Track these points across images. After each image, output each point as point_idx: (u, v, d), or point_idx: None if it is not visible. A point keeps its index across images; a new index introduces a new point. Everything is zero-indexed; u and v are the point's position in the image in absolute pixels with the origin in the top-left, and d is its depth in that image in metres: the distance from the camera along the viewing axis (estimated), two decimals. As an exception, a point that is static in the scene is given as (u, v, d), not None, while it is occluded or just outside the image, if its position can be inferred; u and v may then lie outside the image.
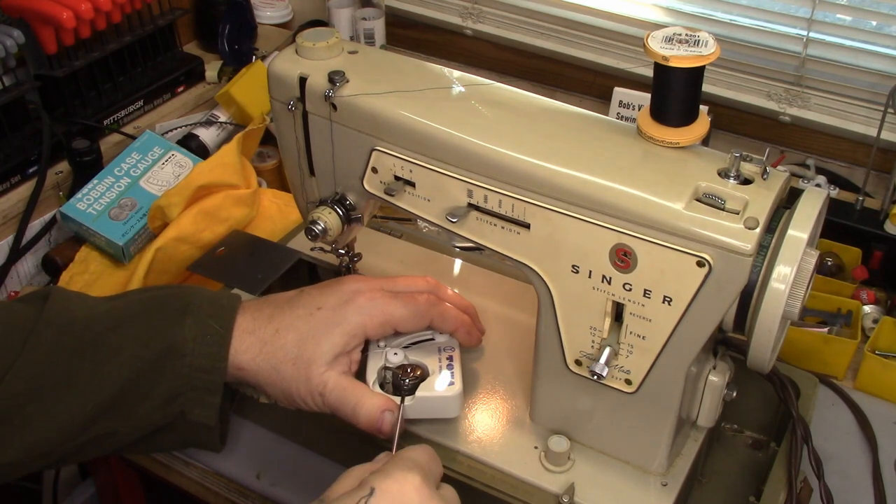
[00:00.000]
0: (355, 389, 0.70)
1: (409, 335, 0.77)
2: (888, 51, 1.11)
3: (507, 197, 0.65)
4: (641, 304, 0.63)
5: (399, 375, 0.73)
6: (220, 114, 1.27)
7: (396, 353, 0.75)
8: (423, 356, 0.75)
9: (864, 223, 1.03)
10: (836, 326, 0.95)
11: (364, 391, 0.70)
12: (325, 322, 0.71)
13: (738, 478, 0.78)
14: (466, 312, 0.79)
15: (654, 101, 0.63)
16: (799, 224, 0.58)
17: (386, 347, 0.75)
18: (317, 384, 0.70)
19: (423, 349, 0.76)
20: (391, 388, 0.73)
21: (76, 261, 1.04)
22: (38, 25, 1.08)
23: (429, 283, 0.78)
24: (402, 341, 0.76)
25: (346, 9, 1.44)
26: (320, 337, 0.70)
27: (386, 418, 0.69)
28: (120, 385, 0.67)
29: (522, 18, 1.35)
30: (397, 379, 0.73)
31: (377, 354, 0.75)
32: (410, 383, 0.73)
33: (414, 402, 0.72)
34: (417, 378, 0.73)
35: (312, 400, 0.70)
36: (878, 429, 0.87)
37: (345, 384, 0.70)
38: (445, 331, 0.77)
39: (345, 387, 0.70)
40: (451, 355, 0.76)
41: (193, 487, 0.85)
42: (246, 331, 0.70)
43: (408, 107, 0.69)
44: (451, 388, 0.73)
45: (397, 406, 0.70)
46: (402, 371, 0.74)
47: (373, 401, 0.70)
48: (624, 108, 1.22)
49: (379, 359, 0.75)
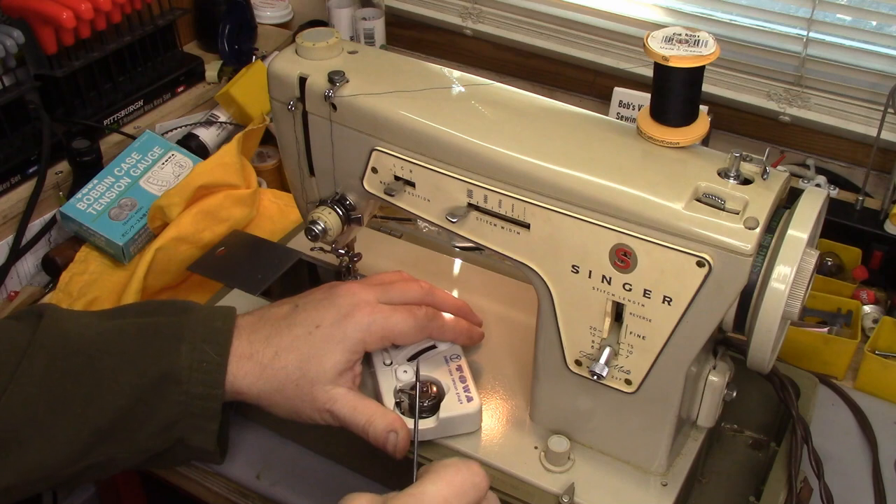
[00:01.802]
0: (366, 406, 0.70)
1: (410, 346, 0.76)
2: (888, 51, 1.11)
3: (507, 197, 0.65)
4: (641, 304, 0.63)
5: (416, 397, 0.72)
6: (220, 114, 1.27)
7: (406, 370, 0.74)
8: (432, 370, 0.75)
9: (864, 223, 1.03)
10: (836, 326, 0.95)
11: (375, 408, 0.70)
12: (325, 340, 0.70)
13: (738, 478, 0.78)
14: (459, 312, 0.79)
15: (654, 101, 0.63)
16: (799, 224, 0.58)
17: (394, 365, 0.75)
18: (324, 402, 0.69)
19: (430, 361, 0.76)
20: (408, 408, 0.72)
21: (76, 261, 1.04)
22: (38, 25, 1.08)
23: (422, 289, 0.77)
24: (406, 353, 0.76)
25: (346, 9, 1.44)
26: (322, 356, 0.70)
27: (393, 438, 0.68)
28: (116, 413, 0.66)
29: (522, 18, 1.35)
30: (414, 401, 0.72)
31: (387, 373, 0.74)
32: (430, 404, 0.72)
33: (437, 424, 0.71)
34: (435, 398, 0.73)
35: (321, 416, 0.70)
36: (878, 429, 0.87)
37: (354, 402, 0.70)
38: (445, 341, 0.77)
39: (355, 405, 0.69)
40: (459, 365, 0.75)
41: (193, 487, 0.85)
42: (243, 356, 0.69)
43: (408, 107, 0.69)
44: (471, 403, 0.72)
45: (405, 424, 0.69)
46: (418, 392, 0.72)
47: (385, 420, 0.69)
48: (624, 108, 1.22)
49: (390, 378, 0.74)
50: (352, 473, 0.81)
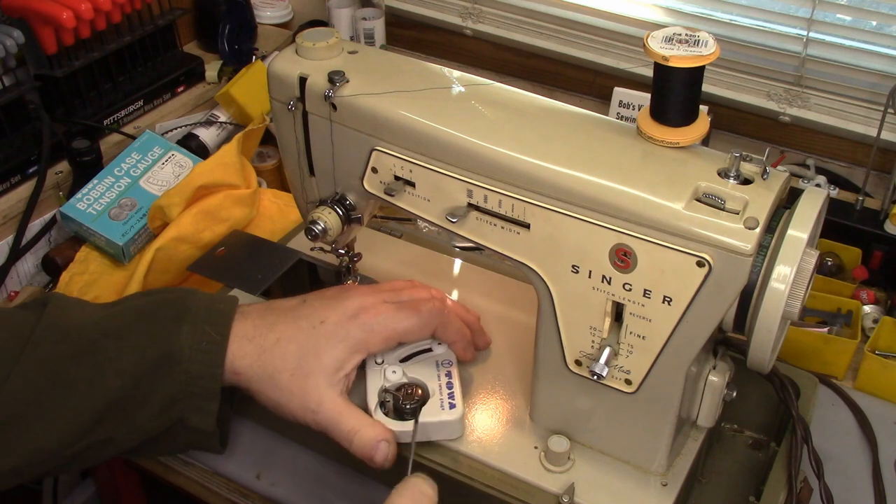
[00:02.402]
0: (352, 415, 0.70)
1: (408, 346, 0.76)
2: (888, 51, 1.11)
3: (507, 197, 0.65)
4: (641, 304, 0.63)
5: (400, 399, 0.72)
6: (220, 114, 1.27)
7: (395, 370, 0.74)
8: (421, 372, 0.75)
9: (864, 223, 1.03)
10: (836, 326, 0.95)
11: (363, 418, 0.70)
12: (327, 337, 0.71)
13: (738, 478, 0.78)
14: (470, 325, 0.79)
15: (654, 101, 0.63)
16: (799, 224, 0.58)
17: (384, 364, 0.75)
18: (312, 399, 0.69)
19: (421, 364, 0.76)
20: (392, 409, 0.73)
21: (76, 261, 1.04)
22: (38, 25, 1.08)
23: (429, 291, 0.77)
24: (399, 353, 0.76)
25: (346, 9, 1.44)
26: (322, 351, 0.70)
27: (381, 450, 0.68)
28: (117, 392, 0.66)
29: (522, 18, 1.35)
30: (398, 402, 0.72)
31: (375, 372, 0.74)
32: (411, 407, 0.72)
33: (414, 428, 0.71)
34: (418, 400, 0.73)
35: (304, 414, 0.70)
36: (878, 429, 0.87)
37: (341, 408, 0.70)
38: (447, 340, 0.77)
39: (341, 411, 0.69)
40: (449, 371, 0.75)
41: (193, 487, 0.85)
42: (245, 337, 0.70)
43: (408, 107, 0.69)
44: (453, 411, 0.72)
45: (392, 437, 0.69)
46: (402, 393, 0.73)
47: (374, 430, 0.69)
48: (624, 108, 1.22)
49: (378, 377, 0.74)
50: (352, 473, 0.81)
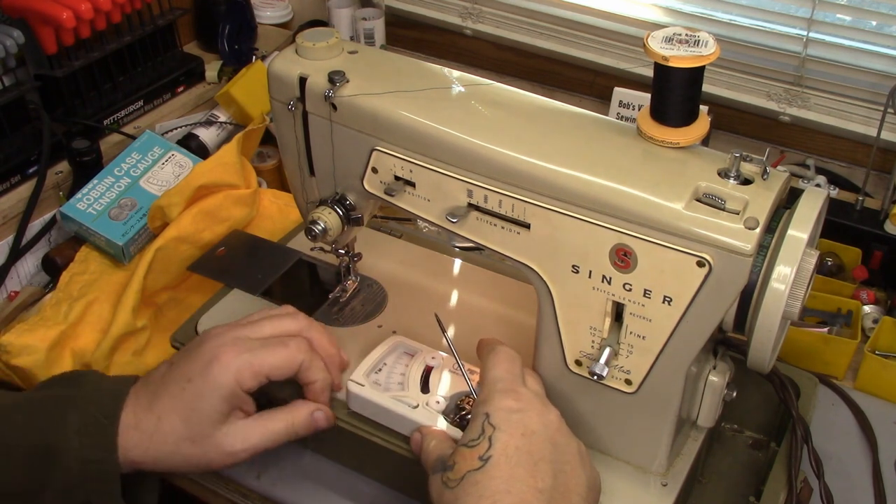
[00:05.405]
0: (274, 417, 0.71)
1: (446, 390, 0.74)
2: (888, 51, 1.11)
3: (507, 197, 0.65)
4: (641, 304, 0.63)
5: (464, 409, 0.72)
6: (220, 114, 1.27)
7: (438, 401, 0.72)
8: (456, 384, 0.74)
9: (864, 223, 1.03)
10: (836, 326, 0.95)
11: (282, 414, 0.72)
12: (197, 394, 0.69)
13: (738, 478, 0.78)
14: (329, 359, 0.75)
15: (654, 101, 0.63)
16: (799, 224, 0.58)
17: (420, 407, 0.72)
18: (227, 444, 0.69)
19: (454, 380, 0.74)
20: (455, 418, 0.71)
21: (76, 261, 1.04)
22: (38, 25, 1.08)
23: (298, 323, 0.75)
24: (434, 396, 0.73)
25: (346, 9, 1.44)
26: (201, 409, 0.68)
27: (320, 418, 0.72)
28: (17, 482, 0.67)
29: (522, 18, 1.35)
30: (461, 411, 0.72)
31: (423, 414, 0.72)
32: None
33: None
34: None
35: (234, 459, 0.70)
36: (878, 429, 0.87)
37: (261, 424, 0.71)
38: (306, 381, 0.73)
39: (263, 425, 0.71)
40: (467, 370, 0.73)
41: (193, 487, 0.85)
42: (129, 426, 0.68)
43: (408, 107, 0.69)
44: None
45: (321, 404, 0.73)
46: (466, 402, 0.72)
47: (304, 408, 0.72)
48: (624, 108, 1.22)
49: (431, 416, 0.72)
50: (352, 473, 0.81)
